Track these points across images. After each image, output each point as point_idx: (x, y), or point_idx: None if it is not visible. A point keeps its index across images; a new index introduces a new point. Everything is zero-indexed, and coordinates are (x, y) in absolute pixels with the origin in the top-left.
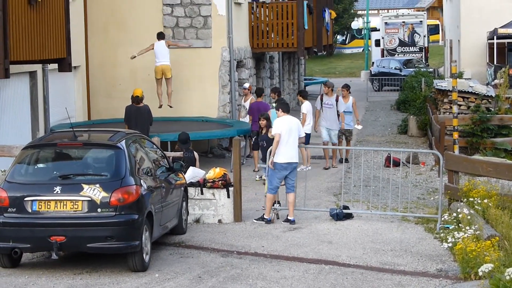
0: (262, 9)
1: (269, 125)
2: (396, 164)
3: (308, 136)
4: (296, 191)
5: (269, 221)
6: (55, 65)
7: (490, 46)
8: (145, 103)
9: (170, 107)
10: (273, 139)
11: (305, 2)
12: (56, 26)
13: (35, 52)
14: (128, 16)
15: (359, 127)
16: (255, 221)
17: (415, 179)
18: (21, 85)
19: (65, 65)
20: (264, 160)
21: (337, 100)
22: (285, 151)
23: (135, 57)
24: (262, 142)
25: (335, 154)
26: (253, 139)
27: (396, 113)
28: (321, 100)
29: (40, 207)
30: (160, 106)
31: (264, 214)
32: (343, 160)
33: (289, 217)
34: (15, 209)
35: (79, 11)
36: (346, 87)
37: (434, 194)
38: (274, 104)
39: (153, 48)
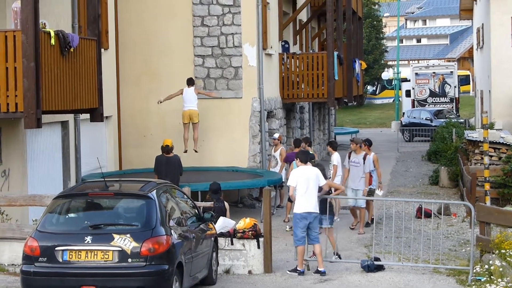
0: (292, 60)
1: None
2: (428, 215)
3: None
4: (327, 243)
5: (302, 273)
6: (87, 115)
7: None
8: (174, 152)
9: (195, 151)
10: None
11: (336, 53)
12: (88, 76)
13: (67, 102)
14: (160, 67)
15: (380, 192)
16: (288, 272)
17: (446, 231)
18: (53, 135)
19: (97, 115)
20: None
21: (364, 158)
22: (303, 201)
23: (161, 102)
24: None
25: (363, 219)
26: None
27: (427, 163)
28: (349, 157)
29: (71, 256)
30: (185, 151)
31: (297, 265)
32: (370, 223)
33: (319, 268)
34: (46, 258)
35: (111, 61)
36: (366, 142)
37: (465, 246)
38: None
39: (181, 94)
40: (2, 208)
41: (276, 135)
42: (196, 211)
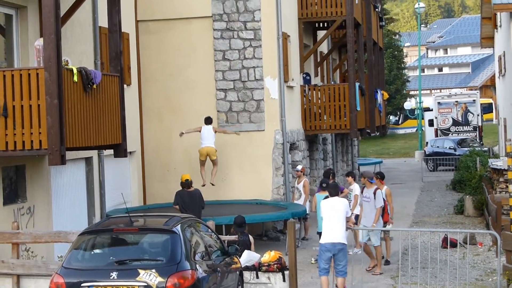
0: (314, 91)
1: None
2: (453, 245)
3: (357, 217)
4: (353, 274)
5: None
6: (111, 151)
7: None
8: (194, 186)
9: (212, 184)
10: None
11: (357, 84)
12: (111, 112)
13: (90, 139)
14: (182, 101)
15: (389, 226)
16: None
17: (472, 260)
18: (77, 171)
19: (120, 150)
20: None
21: (375, 193)
22: (328, 232)
23: (183, 134)
24: None
25: (379, 259)
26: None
27: (452, 193)
28: (361, 192)
29: None
30: (203, 185)
31: None
32: (386, 262)
33: None
34: None
35: (134, 97)
36: (378, 175)
37: (492, 275)
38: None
39: (200, 131)
40: (27, 245)
41: (299, 167)
42: (221, 244)
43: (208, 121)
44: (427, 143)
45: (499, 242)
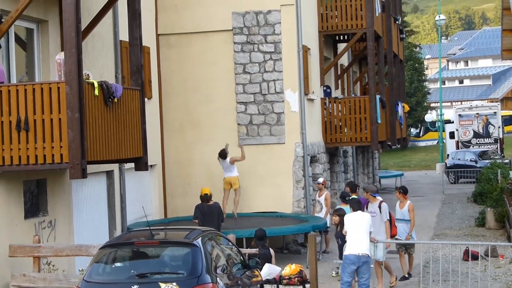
0: (334, 104)
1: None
2: (475, 257)
3: None
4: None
5: None
6: (132, 164)
7: None
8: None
9: (235, 215)
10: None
11: (378, 97)
12: (132, 125)
13: (112, 152)
14: (203, 115)
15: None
16: None
17: (494, 273)
18: (99, 184)
19: (141, 164)
20: (341, 257)
21: (380, 206)
22: (353, 244)
23: (227, 145)
24: (337, 240)
25: (390, 271)
26: None
27: (473, 205)
28: (366, 208)
29: None
30: (224, 217)
31: None
32: (406, 276)
33: None
34: None
35: (155, 110)
36: (401, 189)
37: None
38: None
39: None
40: (48, 259)
41: (320, 180)
42: (242, 258)
43: (223, 156)
44: (448, 155)
45: None
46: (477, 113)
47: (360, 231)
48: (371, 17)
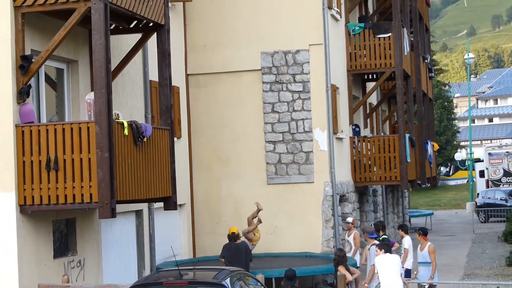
0: (363, 143)
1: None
2: None
3: (408, 271)
4: None
5: None
6: (161, 204)
7: None
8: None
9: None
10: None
11: (407, 135)
12: (161, 165)
13: (141, 192)
14: (231, 153)
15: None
16: None
17: None
18: (128, 224)
19: (170, 203)
20: None
21: (369, 249)
22: (387, 286)
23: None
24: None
25: None
26: None
27: (504, 244)
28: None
29: None
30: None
31: None
32: None
33: None
34: None
35: (183, 149)
36: (420, 231)
37: None
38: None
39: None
40: None
41: (350, 219)
42: None
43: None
44: (478, 194)
45: None
46: (507, 152)
47: (393, 273)
48: (399, 56)
